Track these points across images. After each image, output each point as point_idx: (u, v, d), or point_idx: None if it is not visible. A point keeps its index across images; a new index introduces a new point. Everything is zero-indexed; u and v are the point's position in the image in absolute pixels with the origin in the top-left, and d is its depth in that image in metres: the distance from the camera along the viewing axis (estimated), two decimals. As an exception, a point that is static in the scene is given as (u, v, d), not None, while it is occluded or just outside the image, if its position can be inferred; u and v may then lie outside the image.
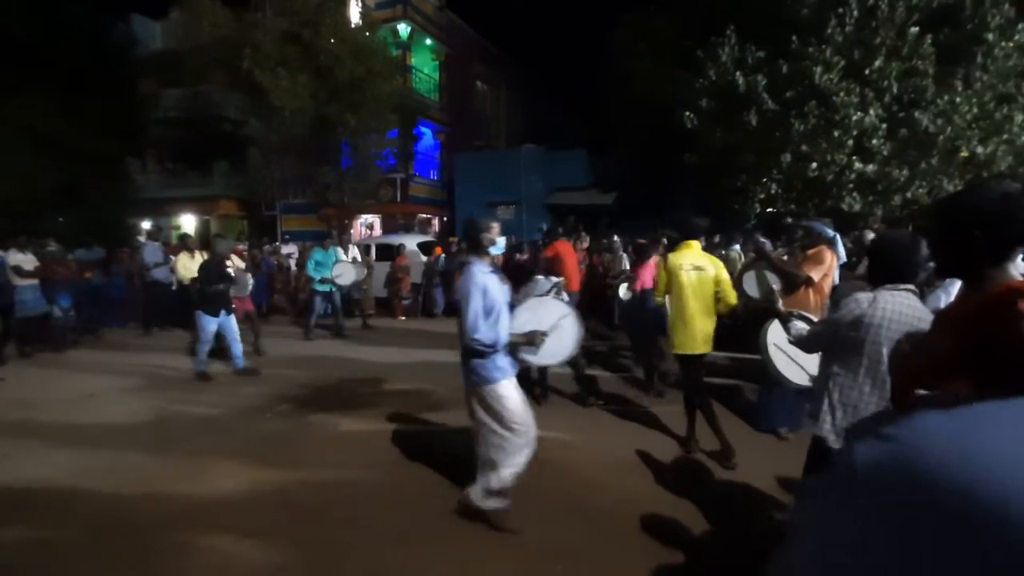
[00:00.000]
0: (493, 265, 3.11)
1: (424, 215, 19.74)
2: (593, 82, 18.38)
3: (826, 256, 4.15)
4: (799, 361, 2.96)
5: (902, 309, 2.07)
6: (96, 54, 14.36)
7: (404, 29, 18.19)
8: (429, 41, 19.54)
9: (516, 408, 2.96)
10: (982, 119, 9.28)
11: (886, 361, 2.08)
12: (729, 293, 4.12)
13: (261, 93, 13.83)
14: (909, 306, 2.07)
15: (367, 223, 19.27)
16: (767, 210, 11.25)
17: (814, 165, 9.76)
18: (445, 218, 20.31)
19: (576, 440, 4.23)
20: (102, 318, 9.46)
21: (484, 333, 2.84)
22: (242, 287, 7.18)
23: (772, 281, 4.18)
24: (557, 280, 4.87)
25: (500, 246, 3.18)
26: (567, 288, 5.71)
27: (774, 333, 3.03)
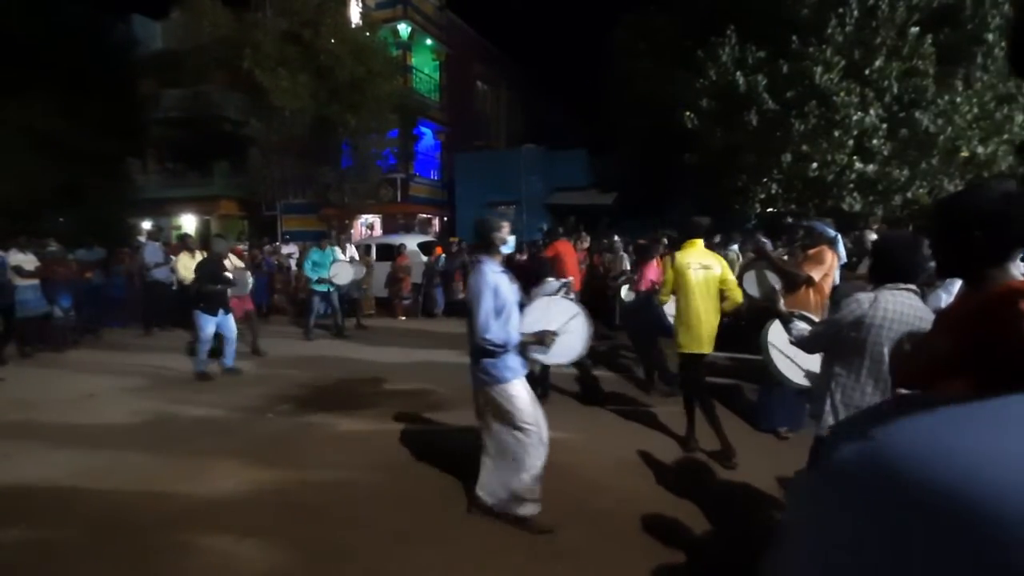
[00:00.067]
0: (504, 264, 3.10)
1: (424, 215, 19.75)
2: (593, 82, 18.39)
3: (827, 256, 4.14)
4: (800, 361, 2.96)
5: (903, 309, 2.07)
6: (96, 54, 14.36)
7: (404, 29, 18.19)
8: (429, 41, 19.55)
9: (526, 408, 2.96)
10: (982, 119, 9.28)
11: (888, 361, 2.08)
12: (735, 291, 4.13)
13: (261, 93, 13.83)
14: (910, 306, 2.07)
15: (367, 223, 19.28)
16: (767, 210, 11.25)
17: (814, 165, 9.76)
18: (445, 218, 20.32)
19: (577, 440, 4.23)
20: (102, 318, 9.46)
21: (495, 333, 2.83)
22: (242, 286, 7.17)
23: (772, 281, 4.19)
24: (566, 280, 4.89)
25: (510, 245, 3.18)
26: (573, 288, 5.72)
27: (775, 333, 3.03)
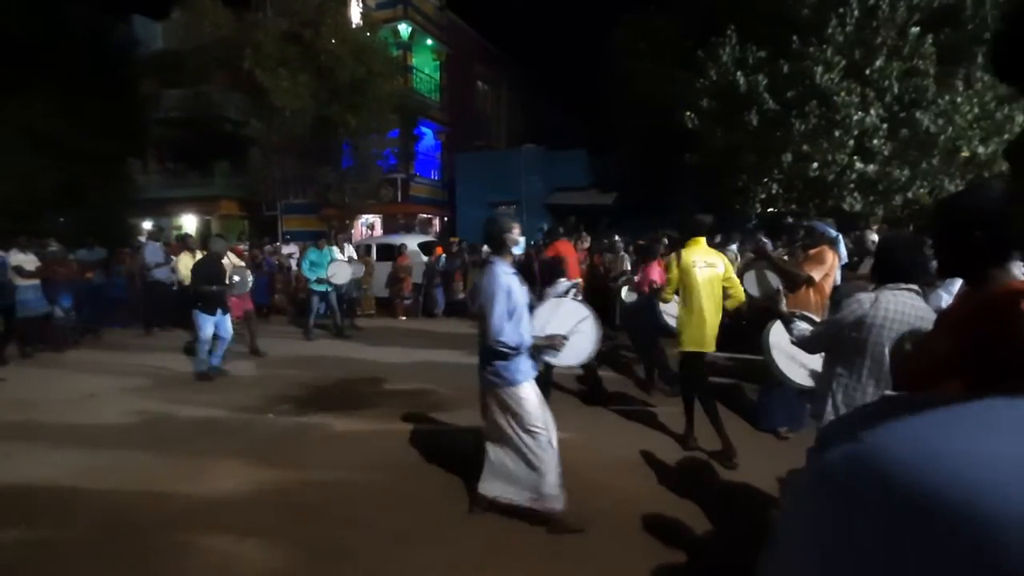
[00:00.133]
0: (515, 265, 3.09)
1: (425, 215, 19.75)
2: (593, 82, 18.40)
3: (827, 256, 4.14)
4: (801, 361, 2.96)
5: (904, 309, 2.06)
6: (97, 54, 14.33)
7: (405, 29, 18.19)
8: (430, 41, 19.55)
9: (535, 410, 2.96)
10: (983, 119, 9.28)
11: (888, 361, 2.07)
12: (739, 289, 4.13)
13: (262, 93, 13.84)
14: (911, 306, 2.07)
15: (368, 223, 19.28)
16: (768, 210, 11.25)
17: (815, 165, 9.76)
18: (446, 218, 20.32)
19: (578, 440, 4.22)
20: (103, 318, 9.46)
21: (509, 335, 2.82)
22: (242, 284, 7.17)
23: (772, 281, 4.19)
24: (575, 281, 4.89)
25: (521, 246, 3.17)
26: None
27: (777, 334, 3.02)
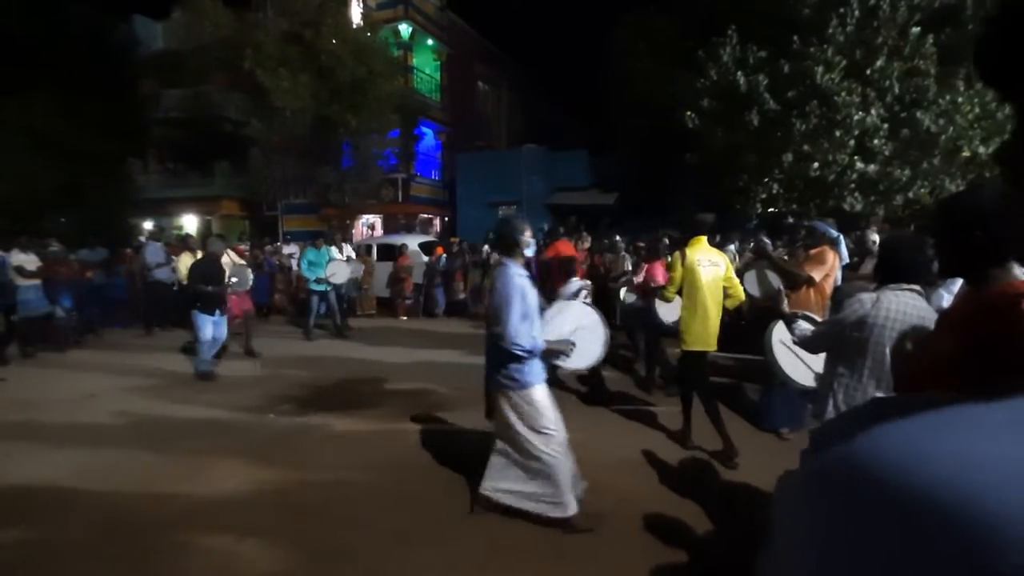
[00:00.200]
0: (527, 267, 3.09)
1: (425, 215, 19.76)
2: (594, 82, 18.41)
3: (828, 257, 4.14)
4: (804, 362, 2.95)
5: (906, 309, 2.06)
6: (97, 54, 14.34)
7: (405, 29, 18.20)
8: (430, 41, 19.55)
9: (548, 412, 2.98)
10: (984, 119, 9.27)
11: (890, 361, 2.07)
12: (739, 289, 4.14)
13: (262, 93, 13.85)
14: (913, 306, 2.07)
15: (368, 223, 19.29)
16: (769, 210, 11.25)
17: (816, 165, 9.75)
18: (446, 218, 20.33)
19: (579, 439, 4.19)
20: (104, 318, 9.47)
21: (525, 339, 2.82)
22: (243, 282, 7.18)
23: (773, 281, 4.19)
24: (584, 283, 4.89)
25: (533, 248, 3.16)
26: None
27: (779, 334, 3.02)
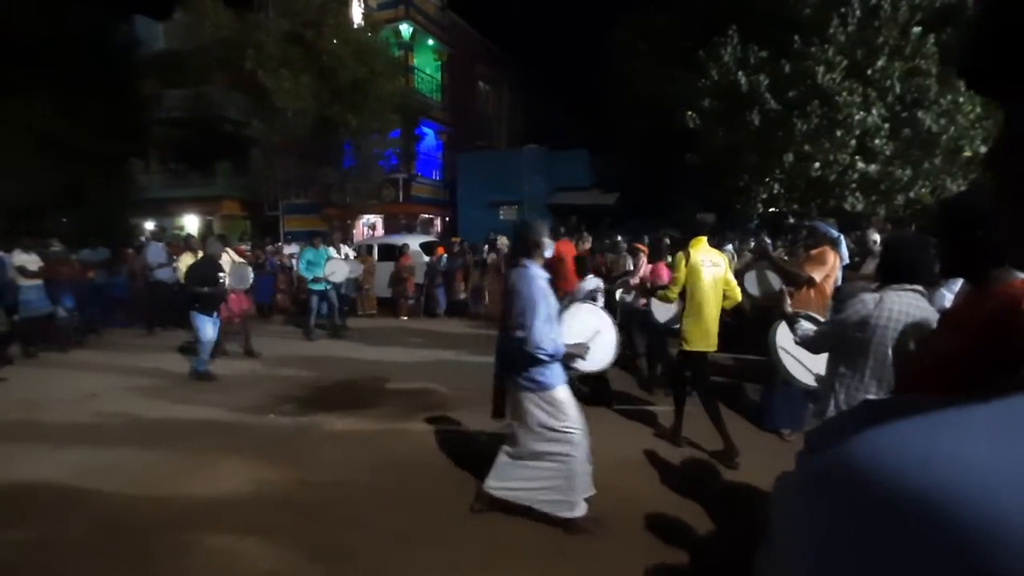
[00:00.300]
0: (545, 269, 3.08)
1: (426, 215, 19.77)
2: (594, 82, 18.41)
3: (829, 257, 4.14)
4: (807, 362, 2.95)
5: (908, 310, 2.06)
6: (99, 55, 14.36)
7: (406, 30, 18.21)
8: (431, 42, 19.56)
9: (572, 412, 2.98)
10: (985, 119, 9.26)
11: (891, 361, 2.07)
12: (736, 290, 4.14)
13: (264, 94, 13.85)
14: (916, 306, 2.06)
15: (369, 223, 19.30)
16: (769, 210, 11.24)
17: (817, 165, 9.74)
18: (447, 218, 20.33)
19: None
20: (105, 318, 9.48)
21: (549, 342, 2.82)
22: (243, 281, 7.18)
23: (773, 281, 4.18)
24: (599, 281, 4.88)
25: (551, 250, 3.16)
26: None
27: (782, 333, 3.02)
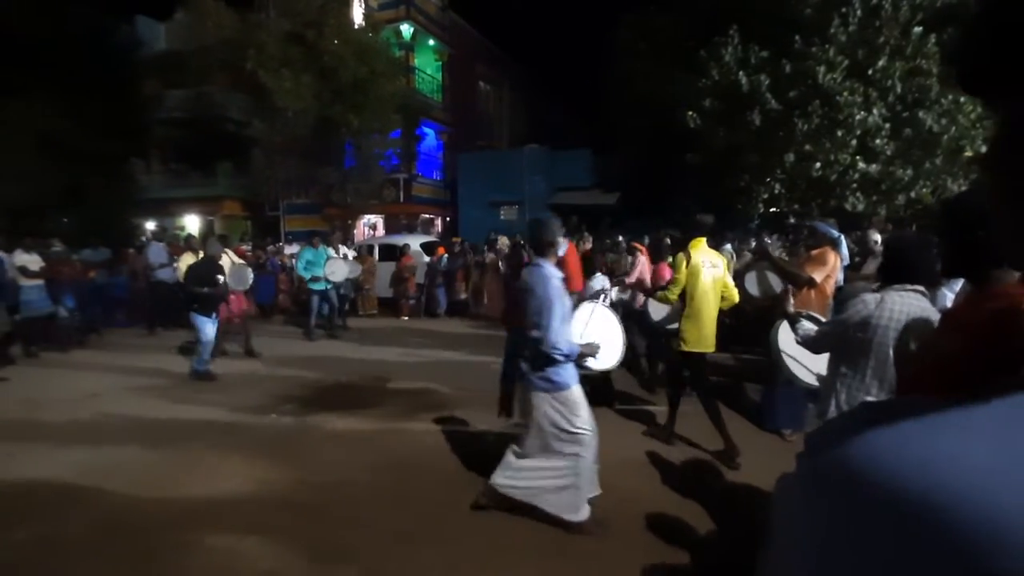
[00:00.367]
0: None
1: (427, 215, 19.77)
2: (595, 82, 18.42)
3: (829, 258, 4.13)
4: (808, 361, 2.95)
5: (910, 310, 2.05)
6: (100, 55, 14.37)
7: (407, 30, 18.22)
8: (432, 42, 19.56)
9: (584, 412, 2.98)
10: (986, 118, 9.22)
11: (892, 361, 2.07)
12: (733, 292, 4.14)
13: (265, 94, 13.87)
14: (917, 307, 2.06)
15: (370, 223, 19.30)
16: (770, 210, 11.23)
17: (818, 165, 9.73)
18: (448, 218, 20.33)
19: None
20: (106, 318, 9.49)
21: (565, 342, 2.82)
22: (242, 281, 7.19)
23: (774, 281, 4.18)
24: (606, 280, 4.88)
25: (563, 248, 3.15)
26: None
27: (785, 332, 3.01)
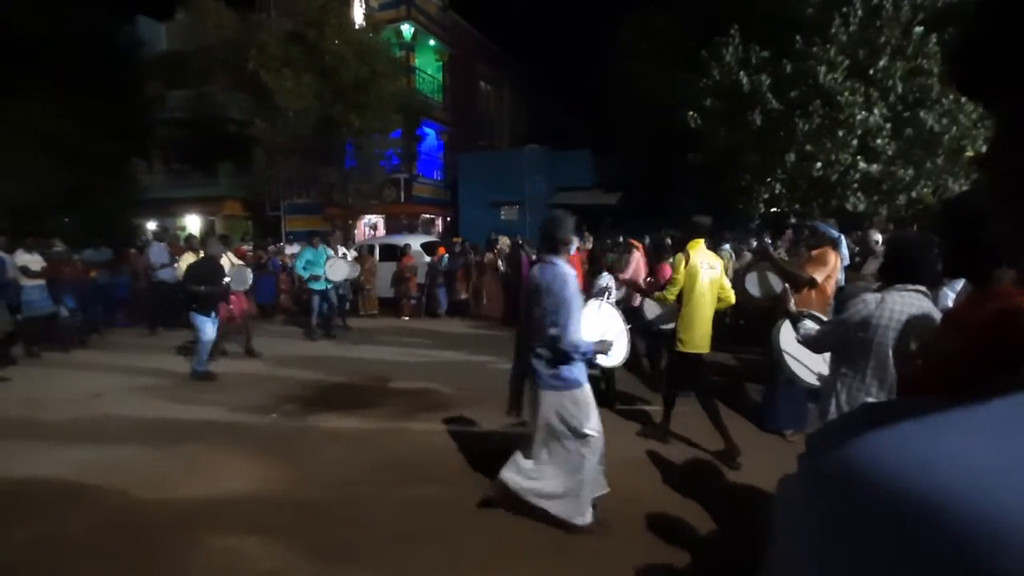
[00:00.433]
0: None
1: (428, 215, 19.76)
2: (596, 82, 18.41)
3: (830, 258, 4.13)
4: (809, 361, 2.95)
5: (910, 310, 2.05)
6: (101, 56, 14.40)
7: (408, 30, 18.21)
8: (433, 42, 19.56)
9: (594, 413, 2.97)
10: (987, 118, 9.20)
11: (892, 361, 2.07)
12: (729, 293, 4.14)
13: (266, 94, 13.87)
14: (918, 307, 2.06)
15: (371, 223, 19.31)
16: (771, 210, 11.22)
17: (818, 165, 9.73)
18: (449, 218, 20.33)
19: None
20: (107, 318, 9.50)
21: (583, 341, 2.81)
22: (242, 282, 7.19)
23: (774, 281, 4.18)
24: (611, 278, 4.88)
25: (575, 245, 3.13)
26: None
27: (786, 332, 3.02)
